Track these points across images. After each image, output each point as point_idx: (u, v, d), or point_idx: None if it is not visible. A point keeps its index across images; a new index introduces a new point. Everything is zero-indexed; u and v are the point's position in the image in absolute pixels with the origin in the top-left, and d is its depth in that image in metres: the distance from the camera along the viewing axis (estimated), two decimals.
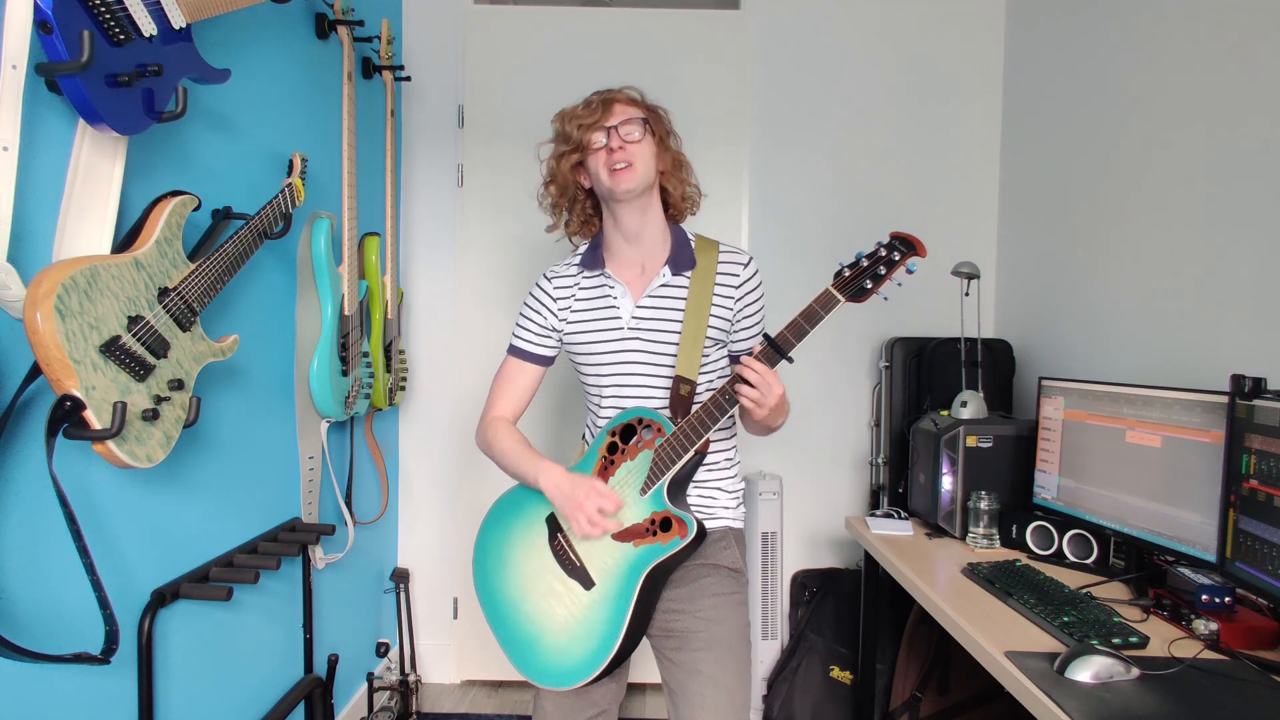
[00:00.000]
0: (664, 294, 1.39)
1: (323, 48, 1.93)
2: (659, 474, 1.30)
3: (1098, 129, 2.07)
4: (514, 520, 1.45)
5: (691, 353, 1.36)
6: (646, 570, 1.29)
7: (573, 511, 1.29)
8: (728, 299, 1.40)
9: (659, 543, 1.29)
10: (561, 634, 1.34)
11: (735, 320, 1.42)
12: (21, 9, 0.95)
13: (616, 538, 1.33)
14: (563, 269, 1.46)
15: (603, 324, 1.41)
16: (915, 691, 2.17)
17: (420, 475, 2.67)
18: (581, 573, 1.34)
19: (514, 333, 1.47)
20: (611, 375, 1.42)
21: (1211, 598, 1.37)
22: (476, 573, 1.46)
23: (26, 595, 1.07)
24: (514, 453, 1.39)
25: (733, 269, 1.40)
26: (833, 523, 2.64)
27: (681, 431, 1.29)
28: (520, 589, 1.40)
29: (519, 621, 1.38)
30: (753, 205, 2.61)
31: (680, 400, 1.35)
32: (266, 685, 1.72)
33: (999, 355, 2.37)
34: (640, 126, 1.34)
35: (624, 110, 1.35)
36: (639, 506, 1.32)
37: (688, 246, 1.42)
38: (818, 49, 2.60)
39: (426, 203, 2.63)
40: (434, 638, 2.69)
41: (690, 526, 1.27)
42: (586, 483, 1.31)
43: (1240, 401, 1.34)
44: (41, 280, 0.98)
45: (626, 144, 1.32)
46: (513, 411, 1.47)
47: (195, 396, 1.26)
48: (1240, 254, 1.59)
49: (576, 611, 1.33)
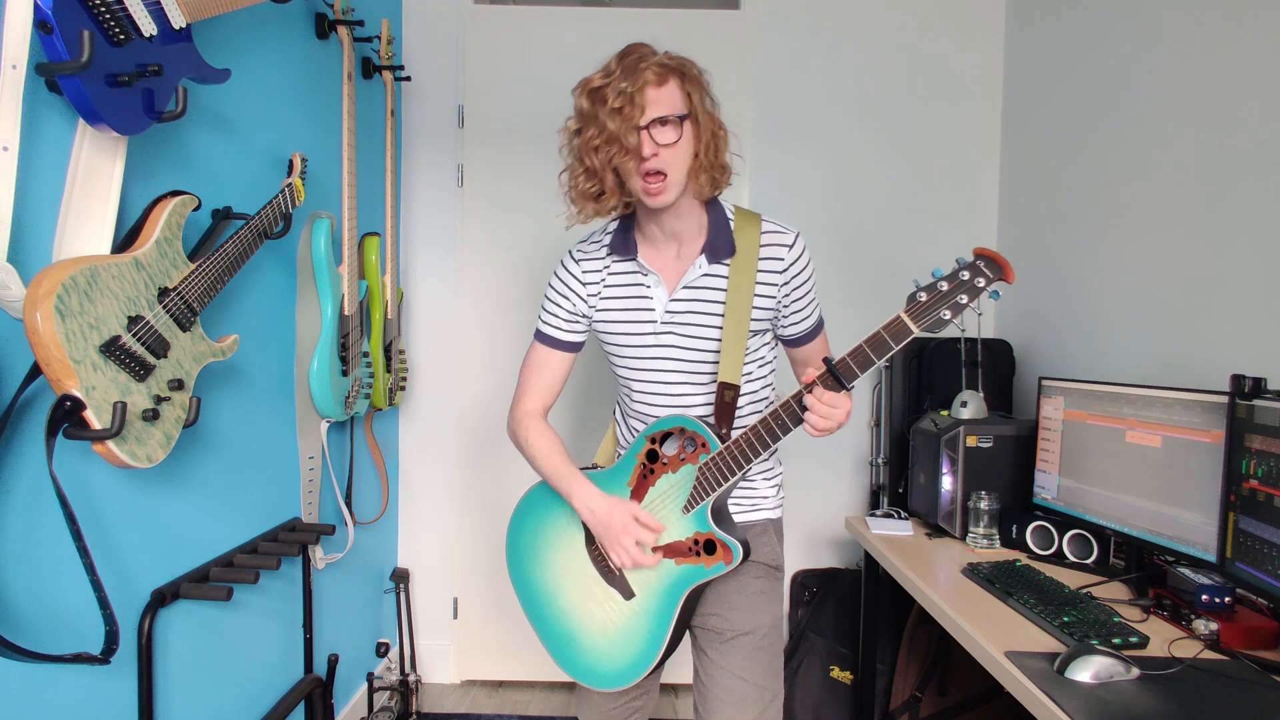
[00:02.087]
0: (702, 284, 1.27)
1: (323, 48, 1.93)
2: (703, 494, 1.23)
3: (1098, 128, 2.07)
4: (550, 513, 1.40)
5: (734, 353, 1.25)
6: (688, 590, 1.26)
7: (611, 544, 1.25)
8: (772, 285, 1.27)
9: (702, 565, 1.24)
10: (601, 637, 1.32)
11: (782, 306, 1.29)
12: (21, 9, 0.95)
13: (657, 550, 1.28)
14: (590, 250, 1.34)
15: (635, 316, 1.31)
16: (915, 691, 2.17)
17: (420, 475, 2.67)
18: (621, 582, 1.31)
19: (541, 317, 1.37)
20: (644, 371, 1.33)
21: (1211, 598, 1.37)
22: (510, 557, 1.43)
23: (26, 595, 1.07)
24: (548, 461, 1.33)
25: (777, 251, 1.26)
26: (833, 523, 2.64)
27: (729, 453, 1.20)
28: (556, 583, 1.37)
29: (556, 615, 1.37)
30: (753, 205, 2.61)
31: (724, 408, 1.26)
32: (266, 685, 1.72)
33: (999, 355, 2.37)
34: (675, 127, 1.17)
35: (655, 101, 1.16)
36: (681, 524, 1.26)
37: (726, 229, 1.27)
38: (818, 49, 2.59)
39: (426, 203, 2.63)
40: (434, 638, 2.69)
41: (735, 554, 1.21)
42: (623, 512, 1.24)
43: (1240, 401, 1.34)
44: (41, 280, 0.98)
45: (661, 148, 1.16)
46: (544, 404, 1.39)
47: (195, 396, 1.26)
48: (1240, 254, 1.59)
49: (617, 619, 1.31)
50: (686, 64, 1.21)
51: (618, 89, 1.14)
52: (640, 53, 1.18)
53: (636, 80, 1.14)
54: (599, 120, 1.16)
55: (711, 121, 1.22)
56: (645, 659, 1.28)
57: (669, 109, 1.17)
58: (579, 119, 1.21)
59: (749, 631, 1.31)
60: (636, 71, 1.15)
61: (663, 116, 1.16)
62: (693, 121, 1.19)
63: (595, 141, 1.17)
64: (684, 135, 1.18)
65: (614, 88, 1.14)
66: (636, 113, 1.14)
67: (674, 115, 1.17)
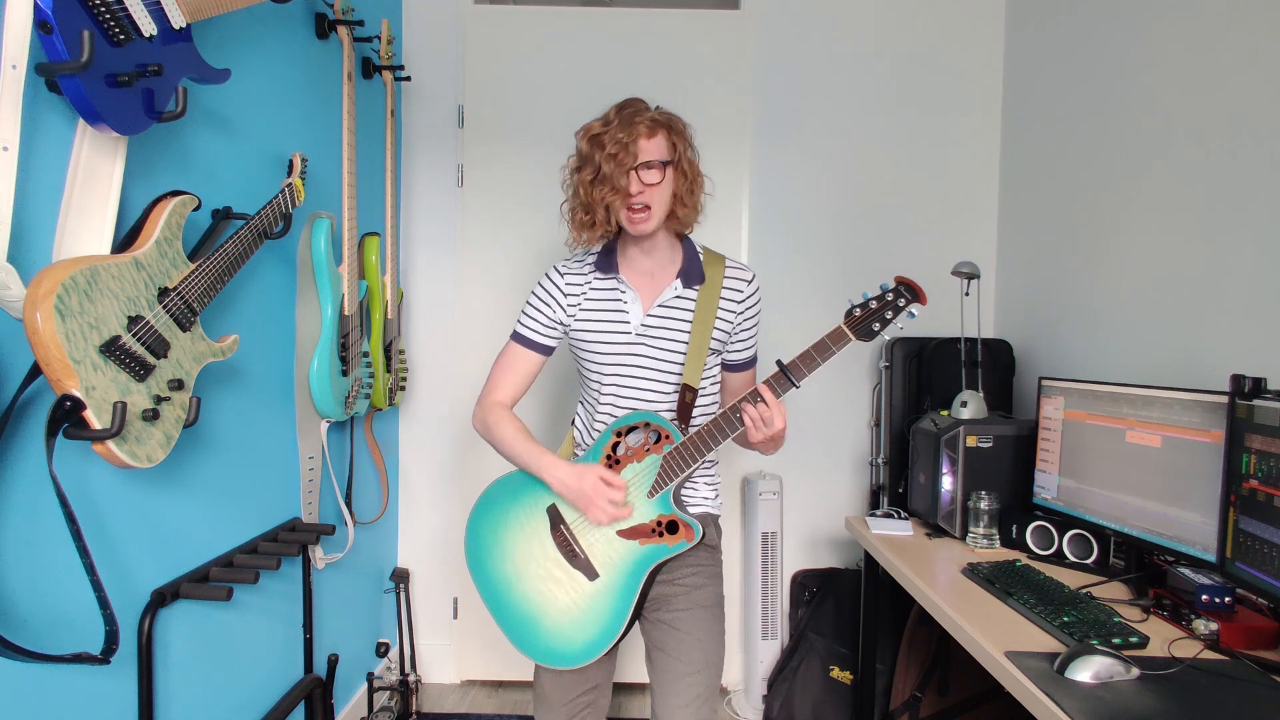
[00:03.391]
0: (674, 304, 1.47)
1: (323, 48, 1.93)
2: (667, 479, 1.41)
3: (1098, 128, 2.07)
4: (511, 505, 1.49)
5: (696, 363, 1.45)
6: (651, 568, 1.41)
7: (587, 505, 1.38)
8: (730, 313, 1.49)
9: (665, 544, 1.41)
10: (563, 618, 1.41)
11: (734, 333, 1.51)
12: (21, 9, 0.95)
13: (621, 534, 1.42)
14: (575, 265, 1.51)
15: (611, 327, 1.48)
16: (915, 691, 2.17)
17: (420, 475, 2.67)
18: (585, 564, 1.42)
19: (520, 320, 1.51)
20: (614, 376, 1.49)
21: (1211, 598, 1.37)
22: (469, 551, 1.50)
23: (26, 595, 1.07)
24: (516, 442, 1.45)
25: (738, 285, 1.49)
26: (833, 523, 2.64)
27: (691, 442, 1.40)
28: (515, 570, 1.46)
29: (515, 601, 1.45)
30: (753, 205, 2.61)
31: (684, 407, 1.46)
32: (266, 685, 1.72)
33: (999, 355, 2.37)
34: (659, 170, 1.37)
35: (645, 147, 1.36)
36: (646, 508, 1.42)
37: (697, 260, 1.49)
38: (818, 49, 2.60)
39: (426, 203, 2.63)
40: (434, 638, 2.69)
41: (696, 531, 1.40)
42: (591, 475, 1.38)
43: (1240, 401, 1.34)
44: (41, 280, 0.98)
45: (646, 187, 1.37)
46: (513, 397, 1.52)
47: (195, 396, 1.26)
48: (1240, 254, 1.59)
49: (579, 599, 1.41)
50: (674, 120, 1.42)
51: (614, 138, 1.35)
52: (636, 107, 1.40)
53: (631, 132, 1.35)
54: (595, 162, 1.37)
55: (691, 168, 1.43)
56: (608, 635, 1.39)
57: (656, 155, 1.37)
58: (579, 158, 1.42)
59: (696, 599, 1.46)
60: (632, 124, 1.35)
61: (649, 161, 1.36)
62: (675, 168, 1.40)
63: (589, 179, 1.38)
64: (666, 178, 1.39)
65: (611, 136, 1.35)
66: (629, 159, 1.35)
67: (659, 161, 1.37)
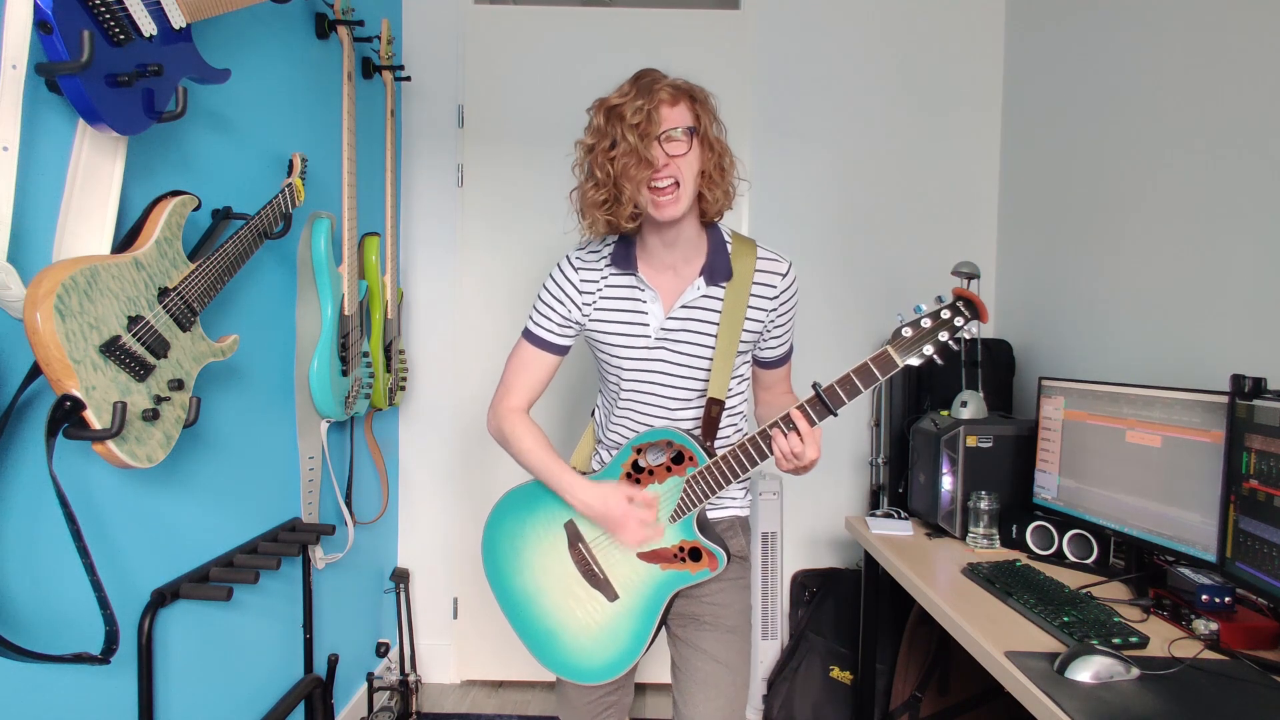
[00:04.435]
0: (699, 305, 1.33)
1: (323, 48, 1.93)
2: (690, 505, 1.31)
3: (1098, 128, 2.07)
4: (529, 517, 1.43)
5: (723, 372, 1.32)
6: (673, 593, 1.34)
7: (617, 528, 1.31)
8: (762, 310, 1.34)
9: (688, 571, 1.33)
10: (583, 634, 1.37)
11: (767, 330, 1.38)
12: (21, 9, 0.95)
13: (643, 557, 1.35)
14: (589, 258, 1.37)
15: (629, 329, 1.35)
16: (915, 691, 2.17)
17: (420, 475, 2.67)
18: (605, 584, 1.36)
19: (533, 318, 1.40)
20: (633, 382, 1.37)
21: (1211, 598, 1.37)
22: (487, 561, 1.46)
23: (26, 595, 1.07)
24: (536, 456, 1.36)
25: (770, 279, 1.34)
26: (833, 523, 2.64)
27: (717, 467, 1.28)
28: (536, 583, 1.41)
29: (537, 615, 1.40)
30: (753, 205, 2.61)
31: (710, 422, 1.33)
32: (266, 685, 1.72)
33: (999, 355, 2.37)
34: (685, 141, 1.22)
35: (668, 115, 1.22)
36: (668, 532, 1.33)
37: (724, 252, 1.33)
38: (818, 48, 2.59)
39: (426, 203, 2.63)
40: (434, 638, 2.69)
41: (720, 560, 1.31)
42: (617, 497, 1.30)
43: (1240, 401, 1.34)
44: (41, 280, 0.98)
45: (671, 159, 1.22)
46: (529, 401, 1.42)
47: (195, 396, 1.26)
48: (1240, 254, 1.59)
49: (600, 619, 1.36)
50: (696, 88, 1.27)
51: (635, 106, 1.20)
52: (653, 75, 1.25)
53: (653, 99, 1.21)
54: (618, 133, 1.21)
55: (718, 143, 1.28)
56: (629, 655, 1.35)
57: (680, 123, 1.23)
58: (594, 134, 1.26)
59: (723, 618, 1.39)
60: (652, 91, 1.21)
61: (674, 128, 1.22)
62: (700, 139, 1.25)
63: (612, 154, 1.23)
64: (693, 149, 1.24)
65: (631, 105, 1.21)
66: (653, 127, 1.21)
67: (684, 128, 1.23)
